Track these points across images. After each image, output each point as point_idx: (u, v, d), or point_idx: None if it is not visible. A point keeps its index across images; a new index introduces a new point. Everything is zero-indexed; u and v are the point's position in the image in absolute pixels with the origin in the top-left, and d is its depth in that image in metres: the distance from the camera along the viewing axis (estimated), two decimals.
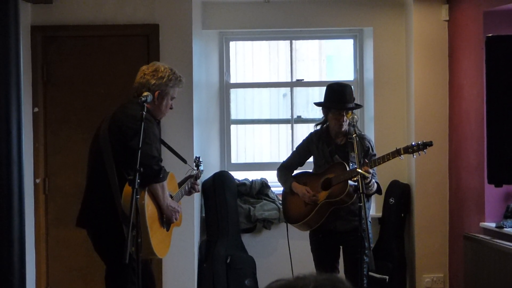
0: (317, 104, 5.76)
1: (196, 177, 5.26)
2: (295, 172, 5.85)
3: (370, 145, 5.55)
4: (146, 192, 4.56)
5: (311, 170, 5.78)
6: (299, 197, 5.60)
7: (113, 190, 4.59)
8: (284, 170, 5.81)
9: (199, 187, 5.29)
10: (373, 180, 5.29)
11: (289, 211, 5.75)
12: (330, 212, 5.48)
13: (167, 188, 4.81)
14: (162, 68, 4.83)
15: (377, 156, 5.41)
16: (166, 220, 4.77)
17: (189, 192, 5.21)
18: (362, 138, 5.49)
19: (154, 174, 4.54)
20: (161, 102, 4.82)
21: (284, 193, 5.84)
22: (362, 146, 5.40)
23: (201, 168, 5.41)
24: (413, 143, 5.25)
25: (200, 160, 5.44)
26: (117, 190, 4.57)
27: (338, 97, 5.50)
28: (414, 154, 5.23)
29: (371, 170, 5.17)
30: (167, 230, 4.83)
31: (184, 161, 5.30)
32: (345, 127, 5.48)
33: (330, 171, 5.51)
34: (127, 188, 4.51)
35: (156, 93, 4.76)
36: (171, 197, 4.84)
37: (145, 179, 4.43)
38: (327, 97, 5.59)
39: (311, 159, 5.79)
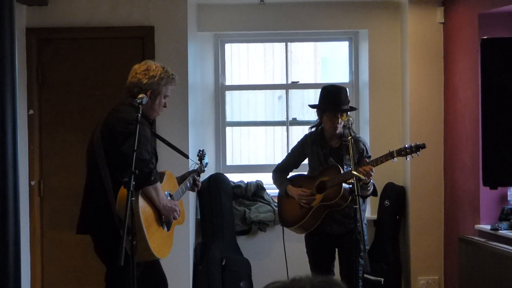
0: (312, 106, 5.76)
1: (199, 171, 5.23)
2: (291, 174, 5.85)
3: (365, 147, 5.55)
4: (140, 195, 4.54)
5: (306, 173, 5.78)
6: (295, 200, 5.60)
7: (108, 194, 4.59)
8: (279, 172, 5.81)
9: (199, 184, 5.23)
10: (372, 181, 5.30)
11: (284, 214, 5.75)
12: (325, 215, 5.48)
13: (166, 188, 4.81)
14: (153, 67, 4.80)
15: (371, 159, 5.41)
16: (165, 220, 4.76)
17: (192, 188, 5.18)
18: (356, 140, 5.49)
19: (145, 177, 4.51)
20: (154, 101, 4.79)
21: (279, 196, 5.84)
22: (357, 148, 5.40)
23: (205, 161, 5.37)
24: (406, 146, 5.25)
25: (204, 153, 5.41)
26: (111, 194, 4.57)
27: (333, 99, 5.49)
28: (408, 156, 5.24)
29: (374, 169, 5.18)
30: (168, 230, 4.81)
31: (186, 156, 5.29)
32: (339, 129, 5.49)
33: (324, 174, 5.51)
34: (121, 193, 4.51)
35: (148, 92, 4.73)
36: (171, 196, 4.83)
37: (137, 183, 4.41)
38: (322, 99, 5.59)
39: (306, 161, 5.79)
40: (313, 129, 5.72)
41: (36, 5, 6.55)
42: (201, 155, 5.37)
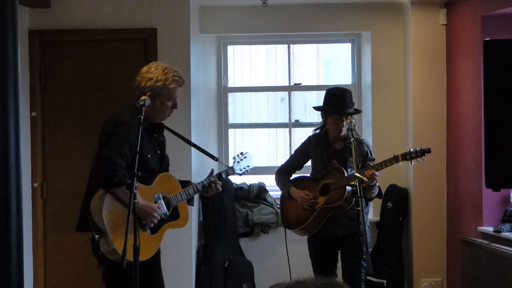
0: (316, 108, 5.75)
1: (220, 176, 5.04)
2: (293, 176, 5.84)
3: (368, 149, 5.55)
4: (106, 196, 4.55)
5: (309, 175, 5.77)
6: (298, 202, 5.59)
7: None
8: (282, 174, 5.80)
9: (218, 186, 4.96)
10: (377, 184, 5.30)
11: (287, 216, 5.74)
12: (328, 218, 5.48)
13: (158, 190, 4.73)
14: (153, 69, 4.75)
15: (375, 161, 5.41)
16: (146, 223, 4.69)
17: (206, 191, 4.99)
18: (360, 143, 5.49)
19: (104, 178, 4.52)
20: (154, 103, 4.72)
21: (282, 198, 5.83)
22: (360, 151, 5.40)
23: (236, 165, 5.20)
24: (411, 150, 5.24)
25: (243, 156, 5.25)
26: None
27: (338, 102, 5.48)
28: (412, 161, 5.24)
29: (377, 173, 5.17)
30: (152, 232, 4.72)
31: (215, 158, 5.21)
32: (344, 132, 5.48)
33: (328, 176, 5.50)
34: (97, 194, 4.55)
35: (148, 94, 4.70)
36: (165, 198, 4.79)
37: (101, 184, 4.51)
38: (326, 102, 5.57)
39: (309, 163, 5.78)
40: (317, 131, 5.71)
41: (39, 7, 6.56)
42: (237, 158, 5.24)
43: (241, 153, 5.28)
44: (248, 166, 5.29)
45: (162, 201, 4.75)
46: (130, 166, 4.50)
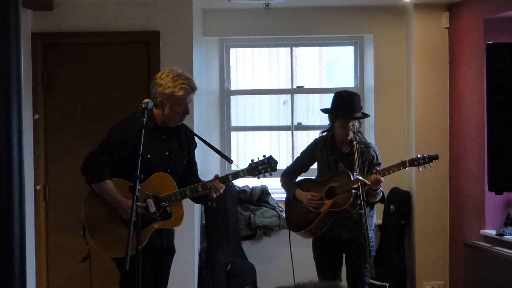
0: (324, 111, 5.73)
1: (225, 179, 4.94)
2: (299, 178, 5.83)
3: (375, 154, 5.53)
4: (88, 193, 4.85)
5: (313, 177, 5.76)
6: (303, 204, 5.58)
7: None
8: (288, 176, 5.79)
9: (217, 187, 4.89)
10: (381, 189, 5.29)
11: (292, 218, 5.74)
12: (333, 221, 5.47)
13: (149, 189, 4.76)
14: (164, 75, 4.83)
15: (382, 166, 5.40)
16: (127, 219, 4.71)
17: (211, 193, 4.91)
18: (367, 147, 5.48)
19: (82, 174, 4.82)
20: (164, 109, 4.81)
21: (287, 200, 5.82)
22: (366, 155, 5.38)
23: (249, 169, 5.03)
24: (418, 156, 5.24)
25: (263, 161, 5.04)
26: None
27: (346, 106, 5.46)
28: (420, 167, 5.23)
29: (382, 179, 5.17)
30: (137, 229, 4.72)
31: (230, 161, 5.22)
32: (351, 135, 5.45)
33: (334, 179, 5.48)
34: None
35: (158, 100, 4.79)
36: (156, 197, 4.80)
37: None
38: (335, 105, 5.54)
39: (315, 165, 5.77)
40: (324, 133, 5.70)
41: (42, 10, 6.56)
42: (253, 164, 5.05)
43: (263, 156, 5.08)
44: (264, 170, 5.06)
45: (151, 200, 4.77)
46: (120, 167, 4.75)
